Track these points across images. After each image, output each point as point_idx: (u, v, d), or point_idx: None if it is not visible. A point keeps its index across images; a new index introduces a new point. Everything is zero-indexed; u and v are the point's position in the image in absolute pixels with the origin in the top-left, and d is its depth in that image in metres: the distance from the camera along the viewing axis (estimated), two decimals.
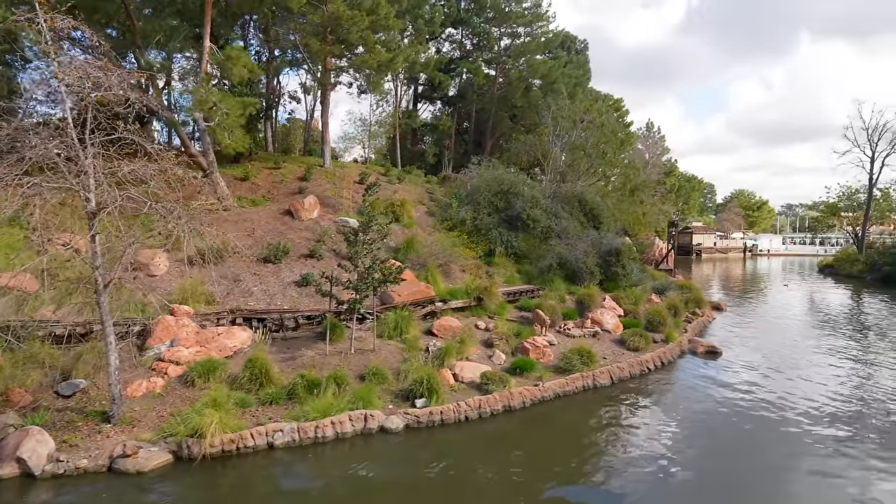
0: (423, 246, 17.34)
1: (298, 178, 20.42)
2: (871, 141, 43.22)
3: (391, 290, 13.66)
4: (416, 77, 33.23)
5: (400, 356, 11.20)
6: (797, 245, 78.82)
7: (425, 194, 23.75)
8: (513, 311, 15.48)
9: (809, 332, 18.44)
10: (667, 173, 66.49)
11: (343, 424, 8.64)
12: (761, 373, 12.85)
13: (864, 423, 9.73)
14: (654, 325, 15.18)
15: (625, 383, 11.84)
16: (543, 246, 19.08)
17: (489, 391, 9.94)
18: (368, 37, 19.96)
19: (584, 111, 25.75)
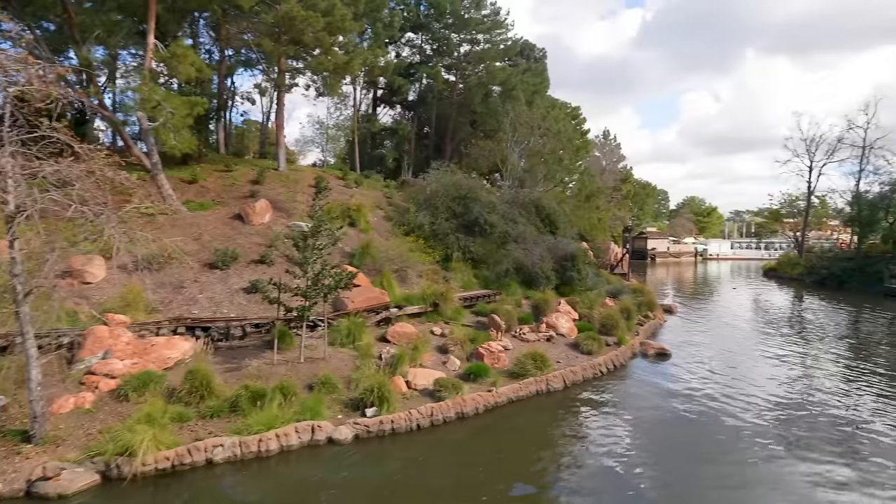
0: (380, 251, 17.08)
1: (251, 181, 19.77)
2: (809, 151, 45.77)
3: (345, 296, 13.35)
4: (375, 81, 32.94)
5: (352, 364, 10.92)
6: (744, 249, 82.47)
7: (383, 199, 23.48)
8: (469, 317, 15.43)
9: (754, 333, 19.20)
10: (623, 180, 68.45)
11: (289, 437, 8.30)
12: (708, 374, 13.25)
13: (803, 421, 10.13)
14: (608, 329, 15.44)
15: (578, 387, 11.95)
16: (501, 251, 19.16)
17: (442, 398, 9.80)
18: (324, 38, 19.59)
19: (542, 118, 26.12)
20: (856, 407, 10.91)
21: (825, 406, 10.93)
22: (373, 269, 16.37)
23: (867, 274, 34.21)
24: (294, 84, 28.23)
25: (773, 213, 52.16)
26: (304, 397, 9.30)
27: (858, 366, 14.30)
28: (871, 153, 40.43)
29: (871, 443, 9.08)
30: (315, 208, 11.27)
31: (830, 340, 18.02)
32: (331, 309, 13.40)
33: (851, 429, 9.67)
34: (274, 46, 18.89)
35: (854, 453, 8.65)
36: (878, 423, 9.99)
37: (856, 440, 9.17)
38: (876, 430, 9.60)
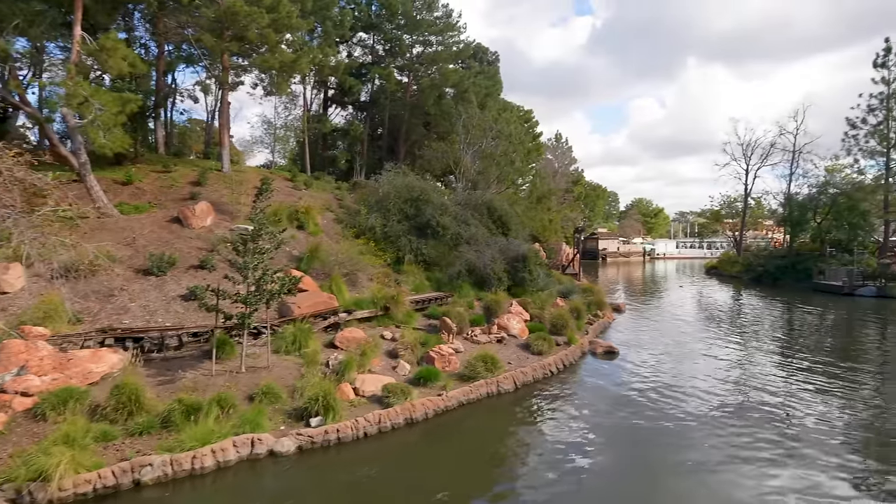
0: (329, 254, 16.65)
1: (191, 182, 18.91)
2: (745, 155, 48.43)
3: (290, 301, 12.93)
4: (326, 81, 32.30)
5: (297, 372, 10.51)
6: (688, 249, 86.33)
7: (334, 201, 23.01)
8: (421, 320, 15.26)
9: (698, 329, 19.94)
10: (574, 182, 70.14)
11: (226, 452, 7.86)
12: (654, 370, 13.61)
13: (744, 413, 10.53)
14: (558, 329, 15.63)
15: (529, 387, 11.98)
16: (453, 253, 19.12)
17: (390, 404, 9.57)
18: (269, 35, 18.98)
19: (494, 120, 26.32)
20: (789, 395, 11.45)
21: (761, 394, 11.42)
22: (322, 272, 15.94)
23: (798, 271, 36.43)
24: (239, 82, 27.32)
25: (713, 213, 54.78)
26: (244, 409, 8.84)
27: (791, 357, 15.08)
28: (801, 157, 43.19)
29: (802, 428, 9.55)
30: (256, 210, 10.77)
31: (766, 334, 18.99)
32: (276, 315, 12.94)
33: (785, 415, 10.14)
34: (216, 42, 18.12)
35: (786, 437, 9.05)
36: (807, 408, 10.52)
37: (789, 426, 9.59)
38: (805, 415, 10.10)
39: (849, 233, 34.88)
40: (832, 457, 8.42)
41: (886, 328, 20.60)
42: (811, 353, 15.60)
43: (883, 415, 10.40)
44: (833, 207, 36.74)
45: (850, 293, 29.63)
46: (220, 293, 10.08)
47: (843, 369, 13.61)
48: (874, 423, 9.96)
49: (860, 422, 10.02)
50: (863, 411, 10.57)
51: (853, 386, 12.22)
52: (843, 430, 9.55)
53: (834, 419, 10.10)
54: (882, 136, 35.56)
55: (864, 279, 30.37)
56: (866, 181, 37.46)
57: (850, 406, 10.87)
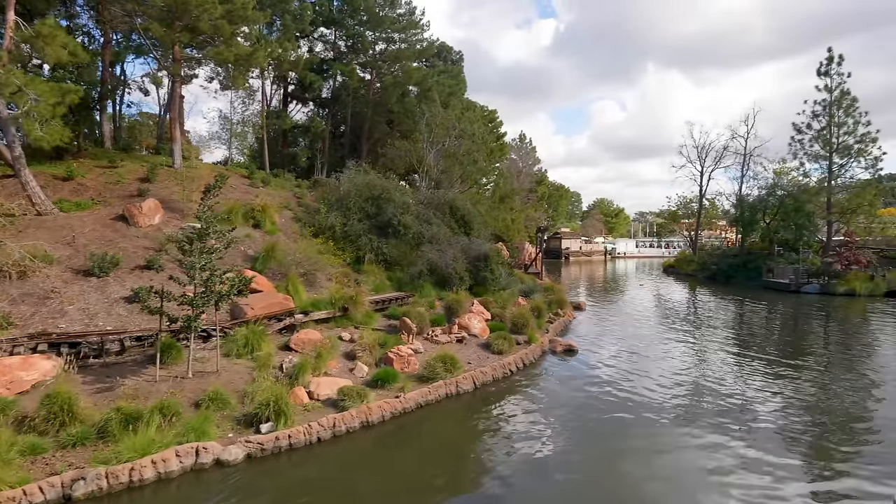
0: (286, 254, 16.17)
1: (140, 179, 18.01)
2: (700, 158, 50.13)
3: (244, 303, 12.47)
4: (285, 76, 31.51)
5: (248, 377, 10.11)
6: (648, 248, 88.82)
7: (293, 199, 22.42)
8: (381, 320, 15.02)
9: (655, 326, 20.41)
10: (538, 182, 70.99)
11: (168, 462, 7.44)
12: (613, 367, 13.80)
13: (697, 403, 10.77)
14: (519, 328, 15.68)
15: (488, 387, 11.93)
16: (415, 252, 18.91)
17: (346, 407, 9.31)
18: (223, 27, 18.29)
19: (457, 119, 26.25)
20: (742, 388, 11.80)
21: (714, 386, 11.72)
22: (278, 273, 15.47)
23: (749, 269, 37.92)
24: (193, 75, 26.31)
25: (670, 214, 56.46)
26: (190, 417, 8.41)
27: (743, 352, 15.60)
28: (751, 160, 45.02)
29: (753, 417, 9.87)
30: (204, 208, 10.30)
31: (720, 330, 19.62)
32: (228, 317, 12.46)
33: (739, 407, 10.44)
34: (165, 33, 17.32)
35: (741, 429, 9.30)
36: (758, 399, 10.87)
37: (743, 420, 9.86)
38: (757, 405, 10.43)
39: (795, 233, 36.54)
40: (779, 442, 8.80)
41: (828, 323, 21.64)
42: (761, 348, 16.20)
43: (827, 401, 10.91)
44: (781, 209, 38.43)
45: (797, 290, 31.04)
46: (166, 295, 9.61)
47: (789, 364, 14.16)
48: (818, 408, 10.39)
49: (805, 408, 10.47)
50: (807, 399, 11.03)
51: (798, 376, 12.73)
52: (790, 417, 9.97)
53: (782, 408, 10.52)
54: (825, 141, 37.41)
55: (809, 277, 31.86)
56: (811, 184, 39.33)
57: (796, 395, 11.31)
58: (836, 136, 36.99)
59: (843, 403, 10.97)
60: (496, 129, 56.99)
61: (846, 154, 36.95)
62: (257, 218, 17.63)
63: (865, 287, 28.99)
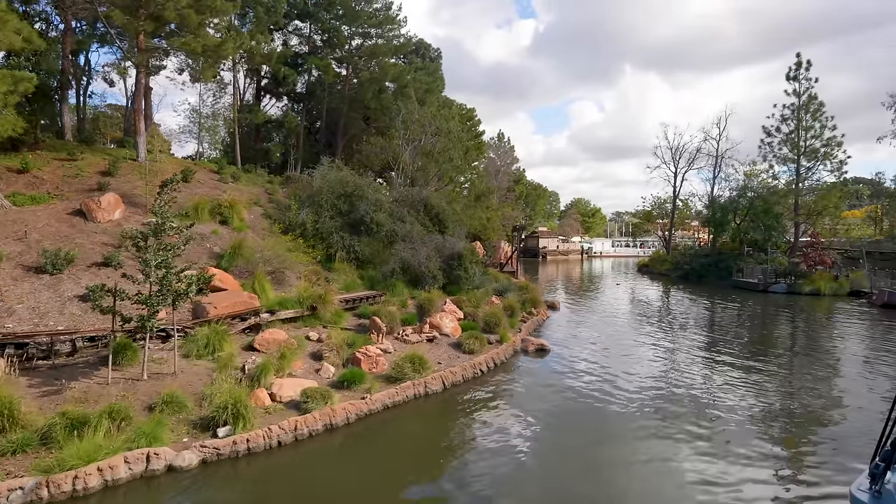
0: (255, 251, 15.75)
1: (101, 172, 17.37)
2: (674, 159, 50.93)
3: (207, 301, 12.06)
4: (258, 69, 30.82)
5: (208, 378, 9.75)
6: (623, 248, 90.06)
7: (264, 195, 21.93)
8: (351, 319, 14.74)
9: (627, 325, 20.56)
10: (516, 181, 71.21)
11: (115, 469, 7.07)
12: (584, 366, 13.79)
13: (667, 400, 10.80)
14: (491, 327, 15.57)
15: (458, 387, 11.78)
16: (388, 251, 18.66)
17: (309, 410, 9.04)
18: (190, 16, 17.72)
19: (432, 116, 26.03)
20: (710, 384, 11.90)
21: (684, 384, 11.79)
22: (245, 270, 15.06)
23: (720, 269, 38.67)
24: (162, 66, 25.57)
25: (645, 214, 57.25)
26: (142, 421, 8.04)
27: (713, 350, 15.79)
28: (723, 162, 45.91)
29: (726, 413, 9.94)
30: (160, 203, 9.88)
31: (690, 328, 19.89)
32: (191, 316, 12.04)
33: (706, 403, 10.51)
34: (129, 21, 16.67)
35: (711, 424, 9.36)
36: (728, 395, 10.98)
37: (711, 414, 9.92)
38: (727, 402, 10.52)
39: (764, 233, 37.38)
40: (749, 436, 8.99)
41: (795, 322, 22.15)
42: (730, 346, 16.45)
43: (792, 396, 11.14)
44: (751, 210, 39.28)
45: (765, 290, 31.75)
46: (120, 293, 9.18)
47: (756, 361, 14.38)
48: (784, 404, 10.56)
49: (772, 403, 10.66)
50: (773, 394, 11.21)
51: (765, 373, 12.91)
52: (758, 411, 10.16)
53: (749, 401, 10.72)
54: (793, 144, 38.39)
55: (777, 277, 32.63)
56: (780, 186, 40.32)
57: (763, 390, 11.48)
58: (804, 140, 37.99)
59: (807, 397, 11.22)
60: (474, 128, 56.90)
61: (813, 157, 37.98)
62: (225, 214, 17.14)
63: (830, 287, 29.81)
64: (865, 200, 60.21)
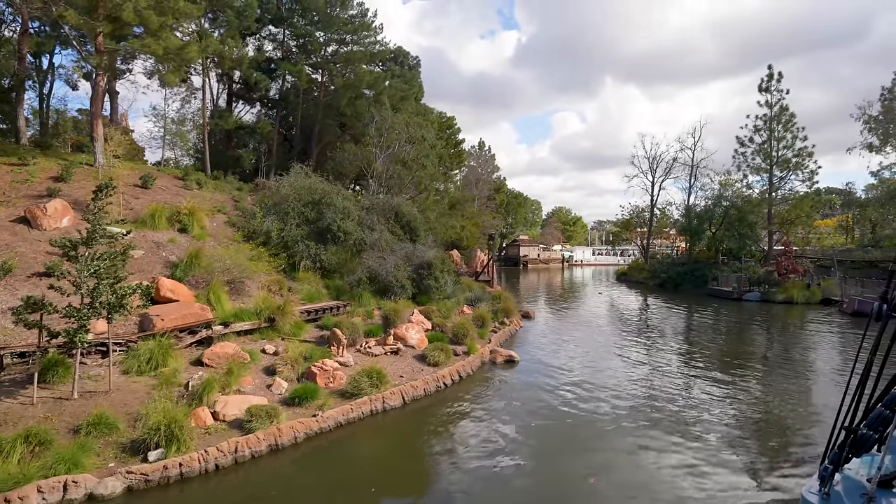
0: (214, 260, 15.13)
1: (52, 178, 16.59)
2: (651, 168, 51.39)
3: (154, 313, 11.43)
4: (230, 74, 30.21)
5: (148, 396, 9.14)
6: (604, 256, 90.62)
7: (230, 202, 21.27)
8: (313, 331, 14.21)
9: (602, 335, 20.22)
10: (496, 190, 71.24)
11: (26, 500, 6.45)
12: (552, 377, 13.43)
13: (639, 414, 10.48)
14: (459, 338, 15.16)
15: (418, 402, 11.31)
16: (355, 260, 18.16)
17: (252, 429, 8.49)
18: (150, 18, 17.14)
19: (406, 124, 25.69)
20: (686, 395, 11.62)
21: (659, 397, 11.49)
22: (203, 280, 14.40)
23: (696, 277, 38.89)
24: (127, 69, 24.85)
25: (623, 222, 57.60)
26: (64, 445, 7.42)
27: (687, 360, 15.57)
28: (698, 172, 46.43)
29: (702, 420, 9.64)
30: (92, 210, 9.29)
31: (665, 338, 19.69)
32: (137, 329, 11.41)
33: (682, 414, 10.21)
34: (83, 21, 16.03)
35: (683, 439, 9.06)
36: (701, 405, 10.70)
37: (687, 426, 9.61)
38: (700, 412, 10.24)
39: (738, 242, 37.72)
40: (721, 442, 8.96)
41: (768, 331, 22.16)
42: (703, 355, 16.26)
43: (765, 404, 10.97)
44: (725, 219, 39.67)
45: (739, 298, 31.92)
46: (51, 306, 8.55)
47: (731, 370, 14.18)
48: (757, 413, 10.34)
49: (745, 412, 10.48)
50: (746, 403, 11.01)
51: (739, 384, 12.69)
52: (730, 419, 9.97)
53: (722, 410, 10.57)
54: (766, 154, 38.97)
55: (751, 285, 32.86)
56: (753, 195, 40.83)
57: (736, 400, 11.26)
58: (776, 150, 38.57)
59: (780, 406, 11.12)
60: (454, 136, 56.85)
61: (785, 167, 38.56)
62: (184, 222, 16.48)
63: (802, 295, 30.07)
64: (838, 210, 61.45)
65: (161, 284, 12.54)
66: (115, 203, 15.99)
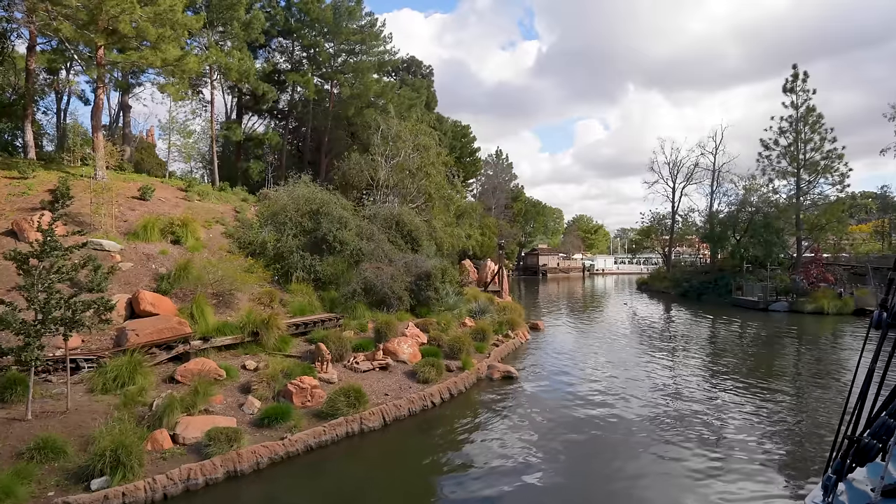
0: (206, 272, 14.79)
1: (50, 191, 16.56)
2: (672, 174, 49.83)
3: (131, 328, 11.07)
4: (238, 86, 30.36)
5: (108, 417, 8.68)
6: (626, 265, 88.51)
7: (232, 213, 21.08)
8: (301, 345, 13.67)
9: (616, 350, 18.85)
10: (514, 198, 70.36)
11: None
12: (552, 397, 12.57)
13: (648, 452, 9.57)
14: (455, 353, 14.43)
15: (401, 423, 10.60)
16: (352, 270, 17.64)
17: (210, 454, 7.93)
18: (147, 29, 17.12)
19: (409, 131, 25.25)
20: (710, 420, 10.65)
21: (654, 429, 10.55)
22: (190, 293, 14.06)
23: (720, 286, 37.26)
24: (136, 83, 25.12)
25: (643, 230, 56.00)
26: (4, 470, 6.97)
27: (710, 377, 14.46)
28: (720, 176, 44.74)
29: (726, 447, 8.67)
30: (50, 221, 8.95)
31: (687, 354, 18.50)
32: (112, 344, 11.05)
33: (709, 437, 9.26)
34: (77, 32, 16.07)
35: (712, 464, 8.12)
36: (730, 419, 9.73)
37: (715, 448, 8.68)
38: (730, 424, 9.28)
39: (764, 249, 35.97)
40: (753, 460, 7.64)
41: (799, 344, 20.72)
42: (729, 373, 15.10)
43: (799, 422, 9.79)
44: (750, 225, 37.94)
45: (765, 308, 30.29)
46: (5, 322, 8.18)
47: (760, 388, 13.06)
48: (792, 428, 9.28)
49: (779, 428, 9.33)
50: (780, 420, 9.90)
51: (768, 400, 11.61)
52: (761, 435, 8.80)
53: (754, 428, 9.36)
54: (792, 157, 37.18)
55: (778, 295, 31.17)
56: (780, 200, 39.01)
57: (770, 419, 10.18)
58: (803, 153, 36.78)
59: (814, 422, 10.05)
60: (469, 145, 56.40)
61: (813, 170, 36.71)
62: (177, 233, 16.24)
63: (833, 305, 28.30)
64: (873, 214, 58.51)
65: (141, 298, 12.19)
66: (109, 215, 15.88)
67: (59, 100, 27.91)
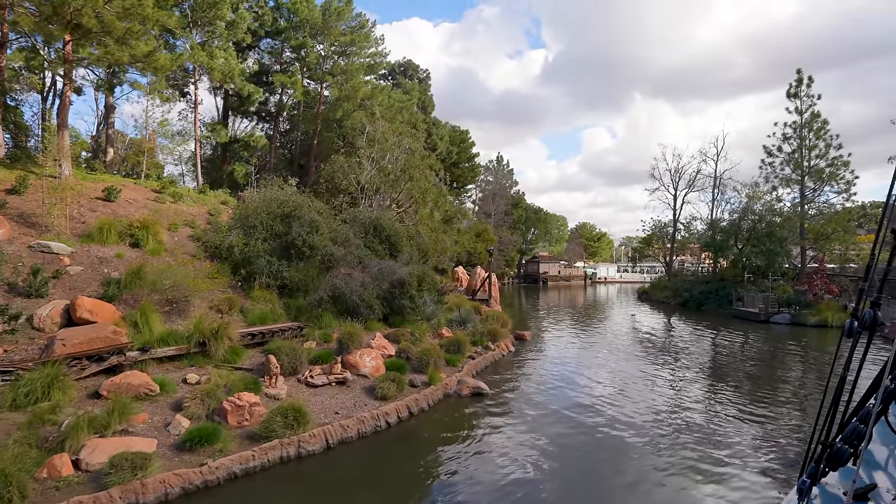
0: (163, 277, 13.96)
1: (5, 190, 15.87)
2: (673, 181, 48.73)
3: (59, 337, 10.22)
4: (223, 87, 29.75)
5: (7, 438, 7.81)
6: (628, 273, 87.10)
7: (205, 216, 20.31)
8: (256, 357, 12.77)
9: (603, 363, 17.91)
10: (514, 205, 69.40)
11: None
12: (520, 416, 11.56)
13: (598, 473, 8.57)
14: (423, 366, 13.48)
15: (348, 445, 9.66)
16: (324, 277, 16.75)
17: (108, 484, 7.02)
18: (113, 24, 16.43)
19: (394, 134, 24.44)
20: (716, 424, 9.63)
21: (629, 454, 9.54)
22: (143, 299, 13.22)
23: (720, 297, 36.03)
24: (117, 83, 24.53)
25: (644, 238, 54.84)
26: None
27: (711, 395, 13.43)
28: (722, 184, 43.59)
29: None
30: None
31: (678, 366, 17.44)
32: (38, 354, 10.19)
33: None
34: (37, 25, 15.40)
35: None
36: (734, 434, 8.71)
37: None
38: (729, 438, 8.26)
39: (767, 259, 34.76)
40: None
41: (803, 357, 19.55)
42: (731, 389, 14.04)
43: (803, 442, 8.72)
44: (752, 233, 36.77)
45: (766, 320, 29.06)
46: None
47: (762, 411, 12.00)
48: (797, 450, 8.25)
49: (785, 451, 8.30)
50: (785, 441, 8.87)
51: (774, 421, 10.57)
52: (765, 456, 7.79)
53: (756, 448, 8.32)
54: (796, 164, 36.03)
55: (780, 306, 29.94)
56: (784, 208, 37.81)
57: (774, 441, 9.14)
58: (808, 160, 35.63)
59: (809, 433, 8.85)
60: (467, 150, 55.61)
61: (818, 178, 35.52)
62: (136, 236, 15.45)
63: (838, 318, 27.02)
64: None
65: (79, 304, 11.35)
66: (63, 216, 15.12)
67: (44, 99, 27.44)
